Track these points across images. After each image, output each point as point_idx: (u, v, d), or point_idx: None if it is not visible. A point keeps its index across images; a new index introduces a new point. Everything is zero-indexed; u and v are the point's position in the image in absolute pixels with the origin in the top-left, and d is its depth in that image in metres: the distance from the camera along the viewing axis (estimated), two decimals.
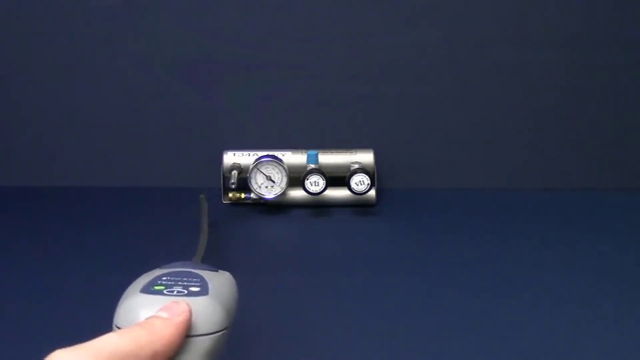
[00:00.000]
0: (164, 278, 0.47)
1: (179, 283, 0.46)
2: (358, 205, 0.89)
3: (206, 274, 0.48)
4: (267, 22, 0.92)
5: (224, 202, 0.90)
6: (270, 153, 0.88)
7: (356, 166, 0.87)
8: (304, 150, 0.89)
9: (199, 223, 0.73)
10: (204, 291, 0.45)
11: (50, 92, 0.94)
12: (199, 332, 0.43)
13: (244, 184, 0.87)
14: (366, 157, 0.89)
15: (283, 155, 0.89)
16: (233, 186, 0.85)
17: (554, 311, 0.66)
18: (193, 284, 0.46)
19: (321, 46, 0.92)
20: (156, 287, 0.45)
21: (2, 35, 0.93)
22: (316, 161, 0.88)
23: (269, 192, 0.87)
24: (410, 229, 0.85)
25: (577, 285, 0.71)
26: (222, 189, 0.90)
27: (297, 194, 0.88)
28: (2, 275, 0.74)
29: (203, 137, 0.95)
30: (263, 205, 0.89)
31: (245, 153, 0.89)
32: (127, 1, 0.91)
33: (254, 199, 0.89)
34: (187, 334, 0.42)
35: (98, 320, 0.65)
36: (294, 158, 0.89)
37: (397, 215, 0.88)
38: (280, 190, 0.87)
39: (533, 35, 0.92)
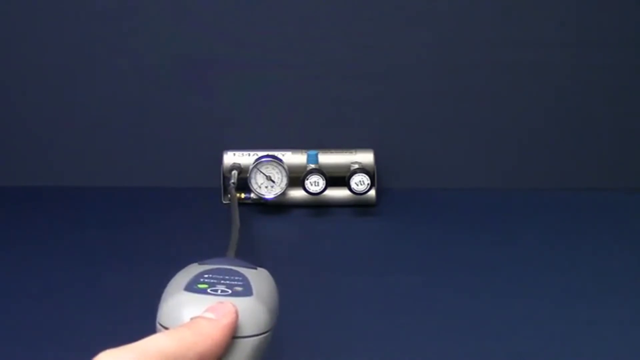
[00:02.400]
0: (206, 275, 0.47)
1: (222, 281, 0.46)
2: (358, 205, 0.89)
3: (247, 272, 0.48)
4: (267, 22, 0.92)
5: (224, 202, 0.90)
6: (270, 153, 0.88)
7: (356, 166, 0.87)
8: (304, 150, 0.89)
9: (230, 216, 0.73)
10: (247, 291, 0.45)
11: (50, 92, 0.94)
12: (245, 334, 0.43)
13: (244, 184, 0.87)
14: (366, 157, 0.89)
15: (283, 155, 0.89)
16: (233, 186, 0.85)
17: (554, 311, 0.66)
18: (236, 282, 0.46)
19: (321, 46, 0.92)
20: (200, 285, 0.45)
21: (2, 35, 0.93)
22: (316, 161, 0.88)
23: (269, 192, 0.87)
24: (410, 229, 0.85)
25: (577, 285, 0.71)
26: (222, 189, 0.90)
27: (297, 194, 0.88)
28: (2, 275, 0.74)
29: (203, 137, 0.95)
30: (263, 205, 0.89)
31: (245, 153, 0.89)
32: (127, 1, 0.91)
33: (254, 199, 0.89)
34: (233, 335, 0.42)
35: (98, 321, 0.65)
36: (294, 158, 0.89)
37: (397, 215, 0.88)
38: (280, 190, 0.87)
39: (533, 35, 0.92)
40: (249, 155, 0.89)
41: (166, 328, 0.43)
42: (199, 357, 0.39)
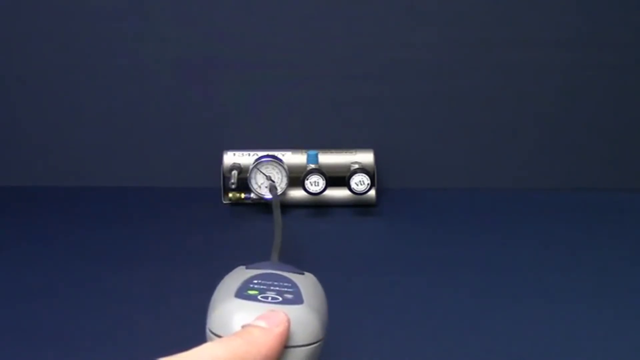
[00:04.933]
0: (255, 281, 0.46)
1: (272, 288, 0.46)
2: (358, 205, 0.89)
3: (296, 278, 0.48)
4: (267, 22, 0.92)
5: (224, 202, 0.90)
6: (270, 153, 0.88)
7: (356, 166, 0.87)
8: (304, 150, 0.89)
9: (273, 217, 0.72)
10: (297, 299, 0.45)
11: (50, 92, 0.94)
12: (297, 343, 0.42)
13: (244, 184, 0.87)
14: (366, 157, 0.89)
15: (283, 155, 0.89)
16: (233, 186, 0.85)
17: (554, 311, 0.66)
18: (286, 289, 0.46)
19: (321, 46, 0.92)
20: (250, 292, 0.45)
21: (2, 35, 0.93)
22: (316, 161, 0.88)
23: (269, 192, 0.87)
24: (410, 229, 0.85)
25: (577, 285, 0.71)
26: (222, 189, 0.90)
27: (297, 194, 0.88)
28: (2, 275, 0.74)
29: (203, 137, 0.95)
30: (263, 205, 0.89)
31: (245, 153, 0.89)
32: (127, 1, 0.91)
33: (254, 199, 0.89)
34: (285, 344, 0.42)
35: (98, 321, 0.65)
36: (294, 158, 0.89)
37: (397, 215, 0.88)
38: (280, 190, 0.87)
39: (533, 35, 0.92)
40: (249, 155, 0.89)
41: (217, 335, 0.43)
42: None
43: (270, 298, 0.44)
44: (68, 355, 0.60)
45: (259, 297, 0.44)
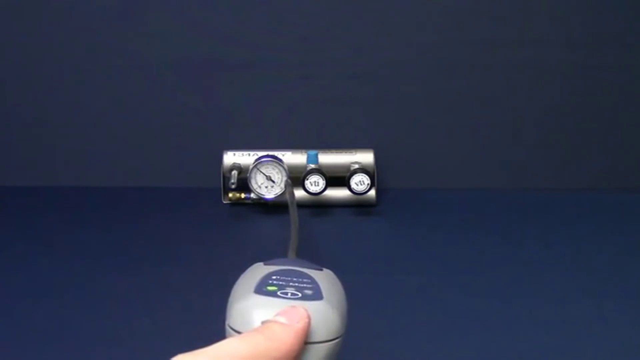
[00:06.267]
0: (274, 277, 0.46)
1: (291, 284, 0.46)
2: (358, 205, 0.89)
3: (315, 274, 0.48)
4: (267, 22, 0.92)
5: (224, 202, 0.90)
6: (270, 153, 0.88)
7: (356, 166, 0.87)
8: (304, 150, 0.89)
9: (289, 214, 0.72)
10: (317, 294, 0.45)
11: (50, 92, 0.94)
12: (317, 340, 0.42)
13: (244, 184, 0.87)
14: (366, 157, 0.89)
15: (283, 155, 0.89)
16: (233, 186, 0.85)
17: (554, 311, 0.66)
18: (305, 285, 0.46)
19: (321, 46, 0.92)
20: (269, 288, 0.45)
21: (1, 35, 0.93)
22: (316, 161, 0.88)
23: (269, 192, 0.87)
24: (410, 229, 0.85)
25: (577, 285, 0.71)
26: (222, 189, 0.90)
27: (297, 194, 0.88)
28: (2, 275, 0.74)
29: (203, 137, 0.95)
30: (263, 205, 0.89)
31: (245, 153, 0.89)
32: (127, 1, 0.91)
33: (254, 199, 0.89)
34: (306, 341, 0.41)
35: (98, 321, 0.65)
36: (294, 158, 0.89)
37: (397, 215, 0.88)
38: (280, 190, 0.87)
39: (533, 35, 0.92)
40: (249, 155, 0.89)
41: (236, 331, 0.43)
42: None
43: (289, 294, 0.44)
44: (68, 355, 0.60)
45: (278, 293, 0.44)
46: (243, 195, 0.89)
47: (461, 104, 0.94)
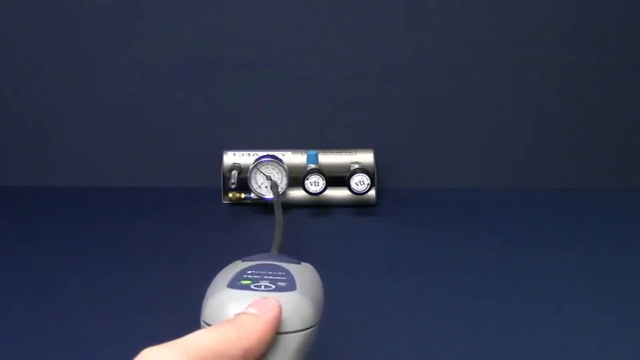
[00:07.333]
0: (249, 272, 0.46)
1: (265, 277, 0.46)
2: (358, 205, 0.89)
3: (291, 267, 0.48)
4: (267, 22, 0.92)
5: (224, 202, 0.90)
6: (270, 153, 0.88)
7: (356, 166, 0.87)
8: (304, 150, 0.89)
9: (274, 212, 0.73)
10: (291, 286, 0.45)
11: (50, 92, 0.94)
12: (289, 329, 0.42)
13: (244, 184, 0.87)
14: (366, 157, 0.89)
15: (283, 155, 0.89)
16: (233, 186, 0.85)
17: (554, 311, 0.66)
18: (279, 278, 0.46)
19: (321, 46, 0.92)
20: (243, 282, 0.45)
21: (1, 35, 0.93)
22: (316, 161, 0.88)
23: (269, 192, 0.87)
24: (410, 229, 0.85)
25: (577, 285, 0.71)
26: (222, 189, 0.90)
27: (297, 194, 0.88)
28: (2, 275, 0.74)
29: (203, 137, 0.95)
30: (263, 205, 0.89)
31: (245, 153, 0.89)
32: (128, 1, 0.91)
33: (254, 199, 0.89)
34: (277, 331, 0.42)
35: (98, 320, 0.65)
36: (294, 158, 0.89)
37: (397, 215, 0.88)
38: (280, 190, 0.87)
39: (533, 35, 0.92)
40: (249, 155, 0.89)
41: (209, 325, 0.43)
42: (243, 353, 0.39)
43: (263, 286, 0.44)
44: (68, 355, 0.60)
45: (251, 286, 0.44)
46: (243, 195, 0.89)
47: (461, 104, 0.94)
